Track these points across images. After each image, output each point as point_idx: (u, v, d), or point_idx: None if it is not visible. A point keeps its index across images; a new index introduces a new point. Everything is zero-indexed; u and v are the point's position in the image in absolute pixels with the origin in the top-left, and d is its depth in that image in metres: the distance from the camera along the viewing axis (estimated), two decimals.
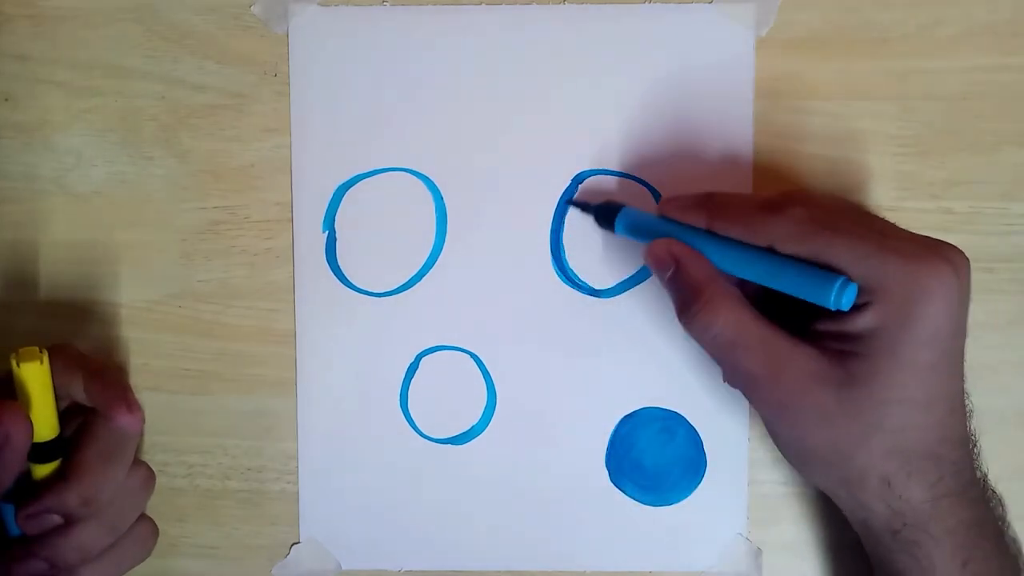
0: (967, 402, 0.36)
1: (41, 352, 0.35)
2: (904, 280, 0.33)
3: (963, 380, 0.35)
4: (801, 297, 0.34)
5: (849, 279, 0.33)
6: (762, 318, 0.35)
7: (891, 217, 0.41)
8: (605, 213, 0.40)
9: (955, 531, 0.34)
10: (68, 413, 0.37)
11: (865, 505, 0.35)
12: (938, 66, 0.41)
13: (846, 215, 0.35)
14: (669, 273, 0.36)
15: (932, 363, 0.33)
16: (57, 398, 0.36)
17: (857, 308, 0.34)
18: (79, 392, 0.37)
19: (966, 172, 0.41)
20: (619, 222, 0.39)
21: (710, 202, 0.37)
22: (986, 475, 0.37)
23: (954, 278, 0.33)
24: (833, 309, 0.33)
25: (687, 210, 0.37)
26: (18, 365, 0.35)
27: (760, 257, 0.35)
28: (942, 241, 0.34)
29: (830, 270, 0.33)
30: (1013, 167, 0.41)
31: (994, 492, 0.37)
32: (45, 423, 0.36)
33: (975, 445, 0.36)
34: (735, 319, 0.35)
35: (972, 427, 0.36)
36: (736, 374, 0.36)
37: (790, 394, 0.35)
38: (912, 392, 0.33)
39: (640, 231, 0.39)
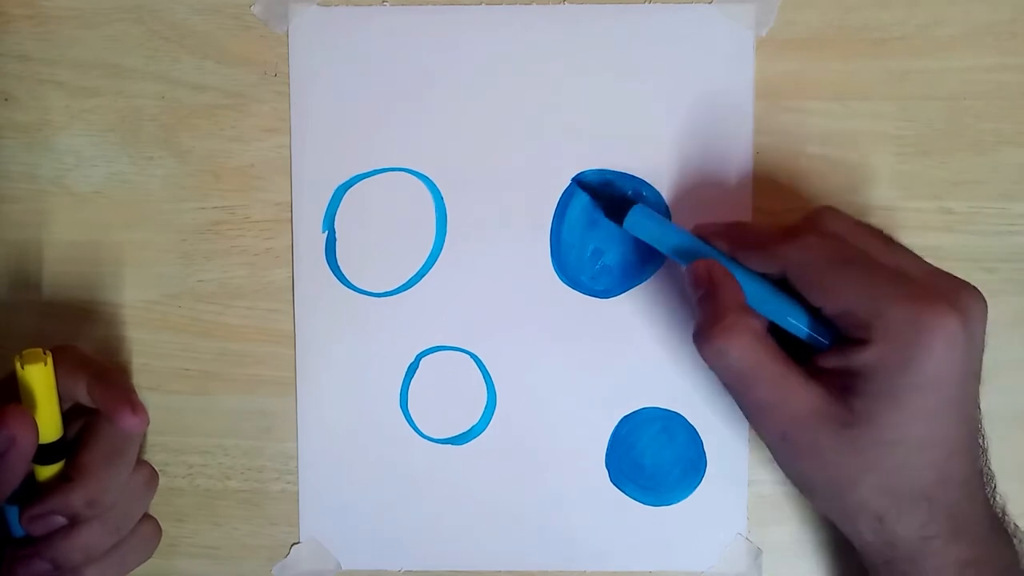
0: (981, 443, 0.36)
1: (45, 354, 0.35)
2: (904, 322, 0.33)
3: (973, 422, 0.35)
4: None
5: (852, 321, 0.34)
6: (778, 352, 0.35)
7: (891, 217, 0.41)
8: (616, 206, 0.40)
9: (944, 570, 0.35)
10: (71, 414, 0.37)
11: (859, 535, 0.36)
12: (938, 66, 0.41)
13: (862, 247, 0.35)
14: (701, 293, 0.37)
15: (932, 408, 0.33)
16: (60, 399, 0.36)
17: (858, 343, 0.34)
18: (82, 394, 0.37)
19: (966, 172, 0.41)
20: (630, 218, 0.39)
21: (735, 228, 0.38)
22: (1002, 512, 0.37)
23: (959, 325, 0.33)
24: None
25: (712, 233, 0.38)
26: (22, 367, 0.35)
27: (768, 293, 0.36)
28: (958, 283, 0.35)
29: (836, 305, 0.34)
30: (1013, 167, 0.41)
31: (1014, 530, 0.37)
32: (49, 425, 0.36)
33: (989, 485, 0.36)
34: (750, 349, 0.35)
35: (984, 467, 0.36)
36: (743, 402, 0.36)
37: (792, 428, 0.35)
38: (908, 434, 0.34)
39: (649, 231, 0.39)
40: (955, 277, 0.35)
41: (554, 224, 0.42)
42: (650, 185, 0.41)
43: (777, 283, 0.37)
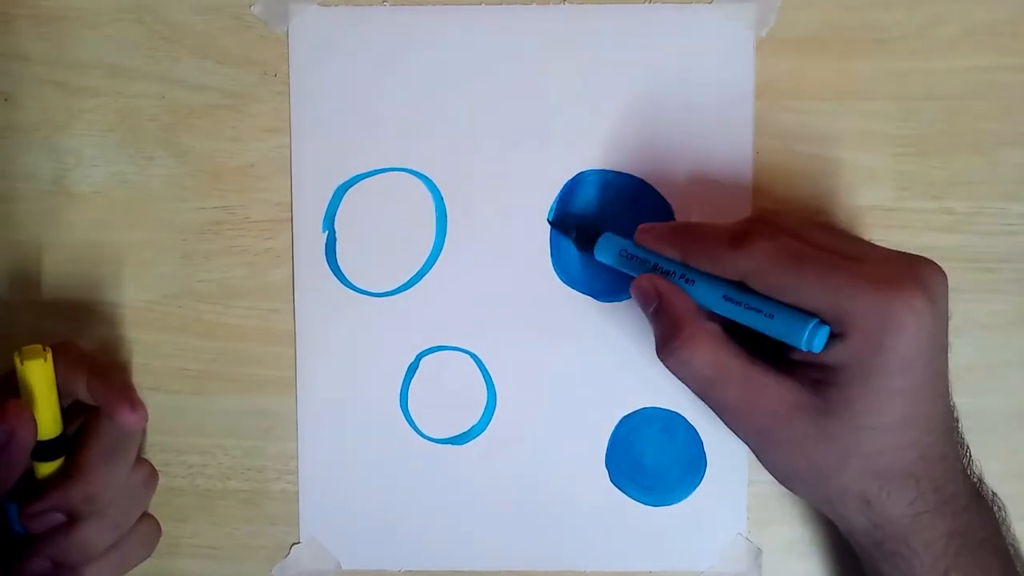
0: (953, 415, 0.36)
1: (45, 350, 0.35)
2: (875, 312, 0.32)
3: (946, 396, 0.35)
4: (775, 337, 0.35)
5: (821, 320, 0.33)
6: (740, 352, 0.36)
7: (891, 217, 0.41)
8: (585, 237, 0.40)
9: (933, 543, 0.35)
10: (70, 411, 0.37)
11: (847, 519, 0.36)
12: (938, 66, 0.41)
13: (814, 244, 0.35)
14: (652, 308, 0.37)
15: (907, 388, 0.33)
16: (60, 396, 0.36)
17: (830, 339, 0.34)
18: (82, 390, 0.37)
19: (966, 172, 0.41)
20: (599, 247, 0.40)
21: (683, 234, 0.37)
22: (979, 481, 0.37)
23: (926, 304, 0.33)
24: (805, 350, 0.34)
25: (662, 241, 0.37)
26: (22, 363, 0.35)
27: (734, 295, 0.35)
28: (917, 259, 0.34)
29: (802, 307, 0.34)
30: (1013, 167, 0.41)
31: (992, 497, 0.37)
32: (48, 421, 0.36)
33: (965, 456, 0.37)
34: (712, 356, 0.35)
35: (959, 438, 0.37)
36: (714, 406, 0.37)
37: (768, 423, 0.35)
38: (887, 417, 0.34)
39: (619, 257, 0.39)
40: (910, 255, 0.35)
41: None
42: (650, 185, 0.41)
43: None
